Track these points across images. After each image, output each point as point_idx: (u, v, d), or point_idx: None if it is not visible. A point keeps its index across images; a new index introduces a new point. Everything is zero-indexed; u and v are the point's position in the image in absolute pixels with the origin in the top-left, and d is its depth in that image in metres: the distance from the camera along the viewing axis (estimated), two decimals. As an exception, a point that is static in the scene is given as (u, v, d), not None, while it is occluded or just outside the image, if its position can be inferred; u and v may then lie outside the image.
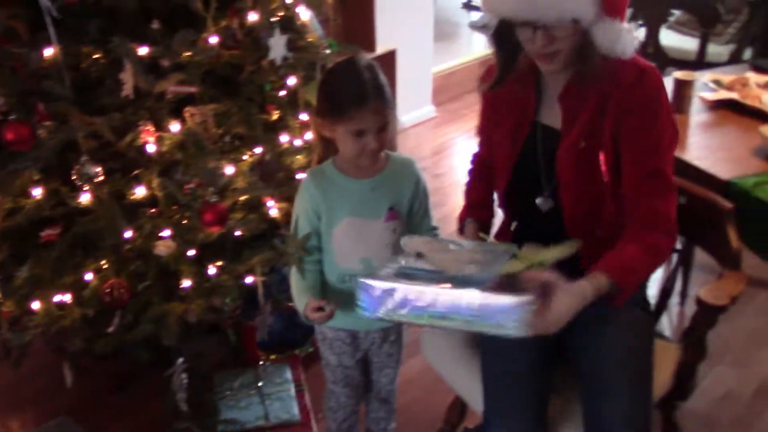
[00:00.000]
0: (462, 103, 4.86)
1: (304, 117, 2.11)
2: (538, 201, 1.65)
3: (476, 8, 6.26)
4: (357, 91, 1.56)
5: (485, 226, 1.78)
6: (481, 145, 1.85)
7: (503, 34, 1.55)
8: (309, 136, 2.09)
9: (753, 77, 2.37)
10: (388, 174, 1.71)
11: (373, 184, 1.69)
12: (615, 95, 1.50)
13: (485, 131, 1.80)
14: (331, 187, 1.68)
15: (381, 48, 3.82)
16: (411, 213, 1.75)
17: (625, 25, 1.47)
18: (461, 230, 1.82)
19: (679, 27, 4.22)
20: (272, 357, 2.47)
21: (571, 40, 1.45)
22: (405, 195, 1.73)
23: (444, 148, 4.27)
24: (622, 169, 1.53)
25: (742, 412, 2.36)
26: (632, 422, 1.47)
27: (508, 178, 1.67)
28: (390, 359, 1.91)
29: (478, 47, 5.31)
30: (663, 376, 1.69)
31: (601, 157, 1.53)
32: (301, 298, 1.73)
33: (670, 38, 3.95)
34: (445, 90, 4.83)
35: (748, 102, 2.21)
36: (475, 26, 1.60)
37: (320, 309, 1.65)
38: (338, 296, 1.70)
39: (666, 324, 2.71)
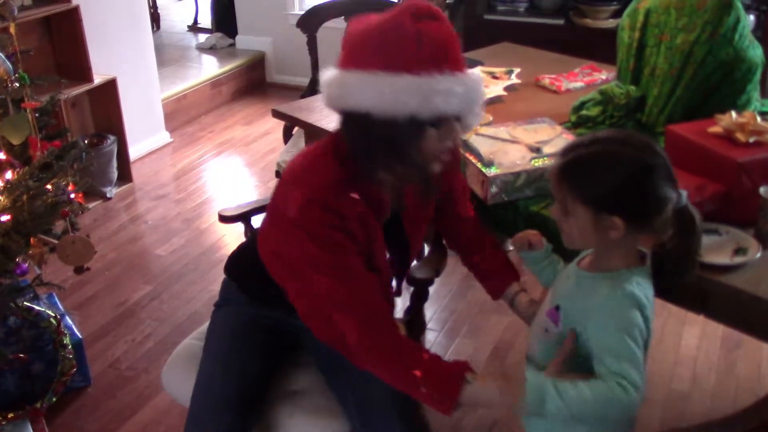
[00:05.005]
0: (197, 125, 4.84)
1: (1, 156, 1.99)
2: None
3: (203, 30, 6.23)
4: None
5: None
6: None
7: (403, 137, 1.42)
8: (9, 176, 1.97)
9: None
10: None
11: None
12: None
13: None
14: None
15: (99, 78, 3.69)
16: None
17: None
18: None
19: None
20: (10, 416, 2.30)
21: None
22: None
23: (185, 171, 4.22)
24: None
25: (479, 375, 2.59)
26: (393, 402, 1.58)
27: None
28: None
29: (208, 69, 5.30)
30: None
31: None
32: None
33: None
34: (178, 114, 4.76)
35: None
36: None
37: None
38: None
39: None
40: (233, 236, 3.44)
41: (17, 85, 2.00)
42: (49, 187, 2.08)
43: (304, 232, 1.43)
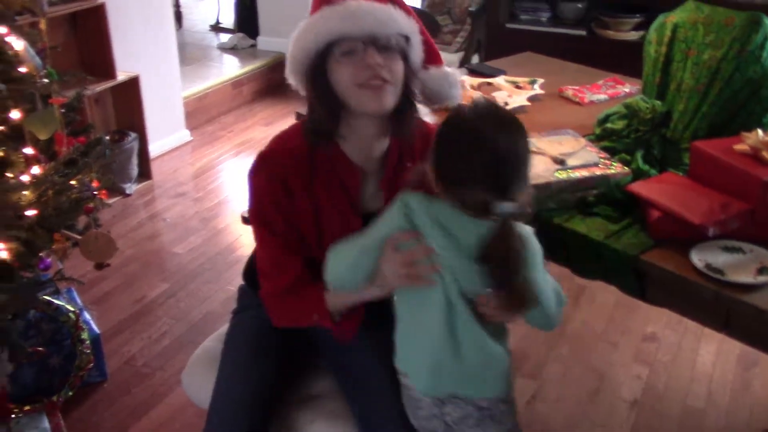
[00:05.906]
0: (217, 125, 4.86)
1: (28, 151, 2.01)
2: None
3: (225, 30, 6.27)
4: None
5: None
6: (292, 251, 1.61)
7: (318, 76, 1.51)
8: (36, 170, 1.99)
9: (468, 80, 2.61)
10: None
11: None
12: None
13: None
14: None
15: (122, 75, 3.72)
16: None
17: (448, 69, 1.57)
18: None
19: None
20: (26, 408, 2.32)
21: (401, 78, 1.47)
22: None
23: (204, 170, 4.24)
24: None
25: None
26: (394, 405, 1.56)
27: None
28: None
29: (230, 69, 5.33)
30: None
31: None
32: None
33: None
34: (198, 113, 4.79)
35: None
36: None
37: None
38: None
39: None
40: (249, 238, 3.43)
41: (46, 80, 2.02)
42: (73, 182, 2.10)
43: (252, 194, 1.61)
